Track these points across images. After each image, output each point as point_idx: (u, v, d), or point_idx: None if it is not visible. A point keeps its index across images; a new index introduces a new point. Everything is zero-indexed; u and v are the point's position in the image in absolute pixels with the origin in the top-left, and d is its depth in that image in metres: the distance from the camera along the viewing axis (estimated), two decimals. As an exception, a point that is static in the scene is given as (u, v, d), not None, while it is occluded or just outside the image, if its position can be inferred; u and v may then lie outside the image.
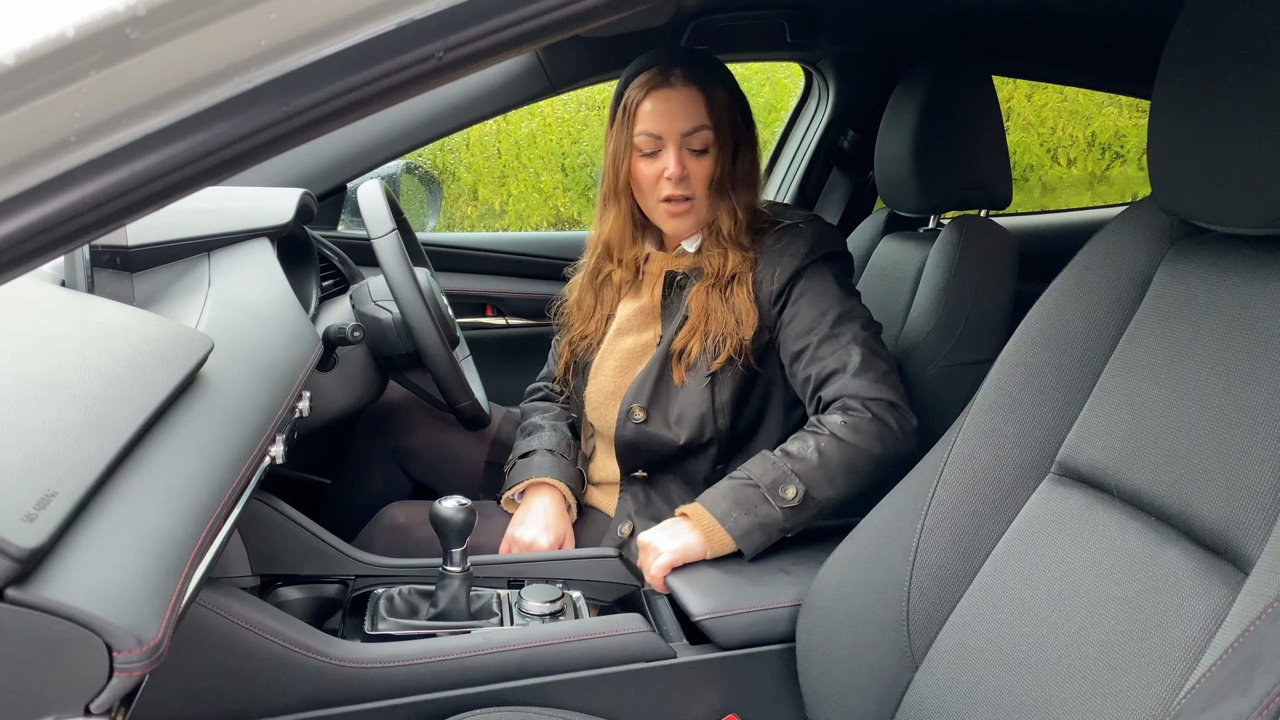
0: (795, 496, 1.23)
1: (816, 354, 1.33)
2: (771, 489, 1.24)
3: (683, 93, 1.37)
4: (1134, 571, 0.81)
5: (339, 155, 1.99)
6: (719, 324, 1.38)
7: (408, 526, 1.47)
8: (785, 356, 1.38)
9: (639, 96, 1.38)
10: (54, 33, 0.45)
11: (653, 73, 1.38)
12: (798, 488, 1.23)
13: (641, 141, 1.39)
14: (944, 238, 1.69)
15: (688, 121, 1.37)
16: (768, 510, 1.23)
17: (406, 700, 1.08)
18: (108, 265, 1.14)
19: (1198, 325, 0.84)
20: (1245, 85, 0.77)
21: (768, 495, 1.23)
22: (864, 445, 1.25)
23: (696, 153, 1.38)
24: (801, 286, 1.37)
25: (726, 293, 1.39)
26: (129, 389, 0.74)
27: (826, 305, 1.35)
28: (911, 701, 0.97)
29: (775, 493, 1.23)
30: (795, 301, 1.37)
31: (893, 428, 1.27)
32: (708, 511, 1.25)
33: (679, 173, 1.37)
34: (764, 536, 1.24)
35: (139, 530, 0.63)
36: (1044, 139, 4.55)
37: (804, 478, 1.24)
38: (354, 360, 1.50)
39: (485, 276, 2.29)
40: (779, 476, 1.24)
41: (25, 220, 0.45)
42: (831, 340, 1.33)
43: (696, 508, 1.26)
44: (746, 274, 1.40)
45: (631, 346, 1.48)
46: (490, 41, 0.50)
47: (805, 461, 1.25)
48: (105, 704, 0.55)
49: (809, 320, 1.35)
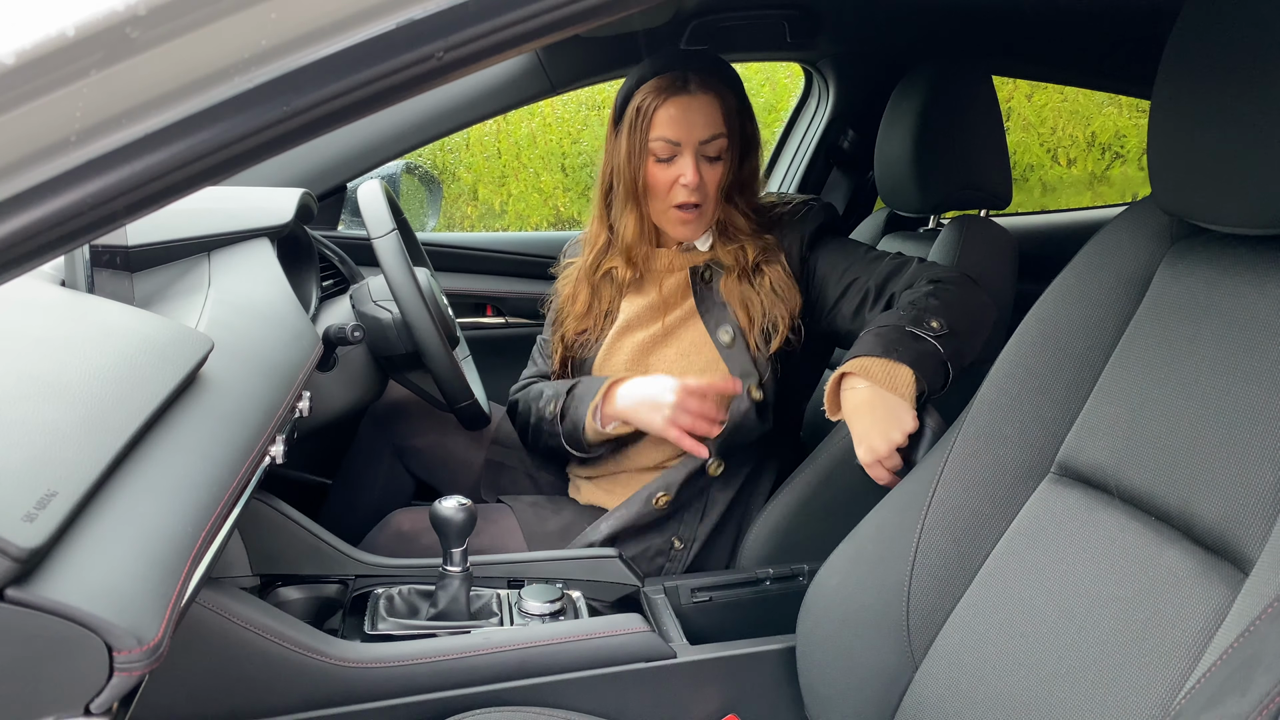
0: (942, 327, 1.19)
1: (867, 273, 1.38)
2: (915, 323, 1.20)
3: (700, 100, 1.38)
4: (1134, 571, 0.81)
5: (339, 155, 1.99)
6: (761, 310, 1.41)
7: (413, 534, 1.47)
8: (829, 301, 1.41)
9: (656, 102, 1.38)
10: (54, 33, 0.45)
11: (668, 78, 1.38)
12: (939, 319, 1.20)
13: (658, 147, 1.39)
14: (944, 238, 1.69)
15: (705, 129, 1.38)
16: (922, 345, 1.17)
17: (406, 700, 1.08)
18: (108, 265, 1.14)
19: (1198, 325, 0.84)
20: (1245, 85, 0.77)
21: (913, 330, 1.19)
22: (965, 291, 1.27)
23: (710, 160, 1.40)
24: (825, 243, 1.45)
25: (757, 280, 1.42)
26: (129, 389, 0.74)
27: (852, 247, 1.44)
28: (911, 701, 0.97)
29: (920, 325, 1.19)
30: (823, 255, 1.44)
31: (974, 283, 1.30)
32: (869, 358, 1.17)
33: (695, 180, 1.38)
34: (933, 365, 1.17)
35: (139, 530, 0.63)
36: (1044, 139, 4.55)
37: (937, 312, 1.21)
38: (354, 360, 1.50)
39: (485, 276, 2.29)
40: (914, 315, 1.21)
41: (25, 220, 0.45)
42: (874, 262, 1.39)
43: (856, 361, 1.18)
44: (776, 253, 1.44)
45: (642, 340, 1.48)
46: (490, 41, 0.50)
47: (927, 303, 1.23)
48: (105, 704, 0.55)
49: (842, 260, 1.42)
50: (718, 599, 1.34)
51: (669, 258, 1.49)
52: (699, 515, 1.43)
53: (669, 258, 1.49)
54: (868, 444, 1.15)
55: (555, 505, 1.53)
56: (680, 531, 1.43)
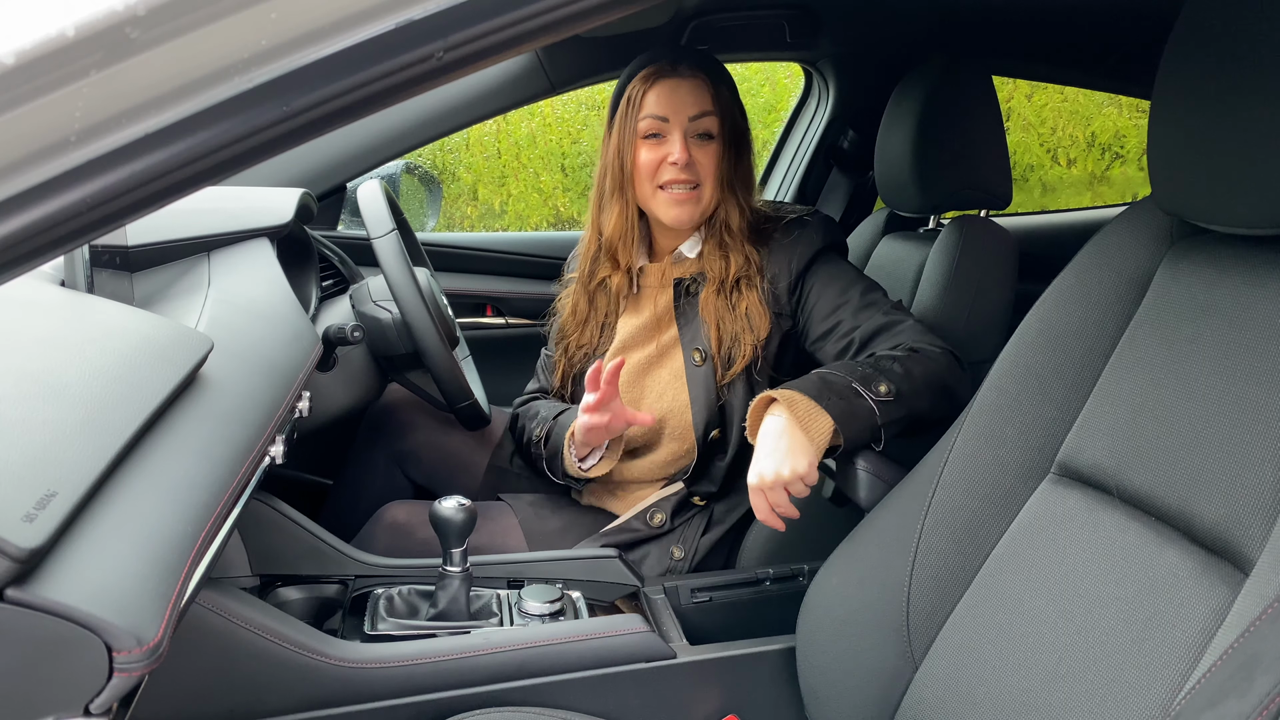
0: (889, 392, 1.17)
1: (855, 321, 1.32)
2: (864, 381, 1.18)
3: (690, 81, 1.37)
4: (1134, 572, 0.81)
5: (339, 155, 1.99)
6: (731, 333, 1.38)
7: (408, 525, 1.46)
8: (812, 336, 1.37)
9: (645, 87, 1.38)
10: (54, 33, 0.45)
11: (657, 65, 1.39)
12: (890, 385, 1.18)
13: (646, 125, 1.37)
14: (944, 238, 1.69)
15: (695, 106, 1.37)
16: (861, 403, 1.15)
17: (406, 700, 1.08)
18: (108, 265, 1.14)
19: (1198, 325, 0.84)
20: (1245, 85, 0.77)
21: (857, 387, 1.16)
22: (940, 367, 1.22)
23: (702, 138, 1.38)
24: (818, 270, 1.38)
25: (733, 298, 1.39)
26: (129, 389, 0.74)
27: (847, 283, 1.37)
28: (911, 701, 0.97)
29: (868, 385, 1.17)
30: (814, 285, 1.38)
31: (958, 364, 1.25)
32: (800, 394, 1.15)
33: (684, 157, 1.36)
34: (860, 426, 1.15)
35: (139, 530, 0.63)
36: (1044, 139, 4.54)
37: (892, 379, 1.18)
38: (354, 360, 1.50)
39: (485, 276, 2.29)
40: (866, 374, 1.19)
41: (25, 220, 0.45)
42: (867, 309, 1.33)
43: (787, 393, 1.15)
44: (754, 275, 1.39)
45: (638, 362, 1.46)
46: (490, 41, 0.50)
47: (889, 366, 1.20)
48: (105, 704, 0.55)
49: (834, 297, 1.35)
50: (718, 599, 1.34)
51: (660, 271, 1.47)
52: (700, 529, 1.42)
53: (660, 271, 1.47)
54: (759, 470, 1.14)
55: (555, 504, 1.53)
56: (681, 543, 1.42)
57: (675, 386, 1.43)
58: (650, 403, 1.45)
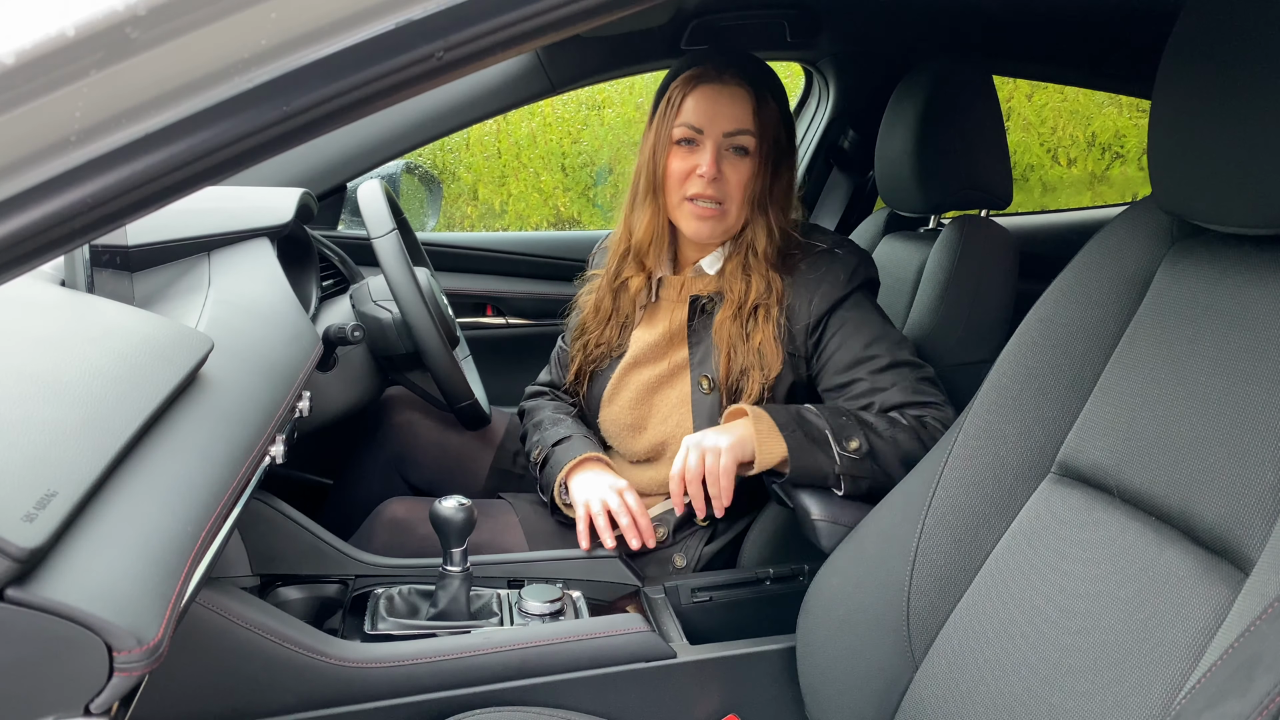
0: (858, 452, 1.19)
1: (874, 383, 1.29)
2: (838, 433, 1.20)
3: (733, 91, 1.31)
4: (1134, 571, 0.81)
5: (339, 155, 1.99)
6: (740, 365, 1.34)
7: (408, 522, 1.45)
8: (825, 385, 1.34)
9: (686, 89, 1.33)
10: (54, 33, 0.45)
11: (704, 67, 1.33)
12: (865, 444, 1.19)
13: (680, 132, 1.33)
14: (944, 238, 1.69)
15: (732, 121, 1.31)
16: (822, 451, 1.20)
17: (406, 700, 1.08)
18: (108, 265, 1.15)
19: (1198, 325, 0.84)
20: (1245, 85, 0.77)
21: (829, 435, 1.19)
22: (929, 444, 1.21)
23: (737, 152, 1.32)
24: (841, 316, 1.33)
25: (748, 327, 1.34)
26: (129, 389, 0.74)
27: (870, 336, 1.31)
28: (911, 701, 0.97)
29: (840, 438, 1.20)
30: (836, 333, 1.33)
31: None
32: (769, 415, 1.19)
33: (713, 171, 1.31)
34: (814, 466, 1.20)
35: (139, 530, 0.63)
36: (1044, 139, 4.54)
37: (870, 438, 1.20)
38: (354, 360, 1.50)
39: (485, 276, 2.29)
40: (844, 427, 1.21)
41: (25, 220, 0.45)
42: (888, 373, 1.29)
43: (757, 410, 1.21)
44: (773, 307, 1.34)
45: (648, 379, 1.43)
46: (490, 41, 0.50)
47: (873, 423, 1.22)
48: (105, 704, 0.55)
49: (854, 352, 1.31)
50: (718, 599, 1.34)
51: (680, 285, 1.43)
52: (703, 540, 1.41)
53: (680, 285, 1.43)
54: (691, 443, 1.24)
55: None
56: (683, 552, 1.41)
57: (680, 411, 1.41)
58: (655, 423, 1.43)
